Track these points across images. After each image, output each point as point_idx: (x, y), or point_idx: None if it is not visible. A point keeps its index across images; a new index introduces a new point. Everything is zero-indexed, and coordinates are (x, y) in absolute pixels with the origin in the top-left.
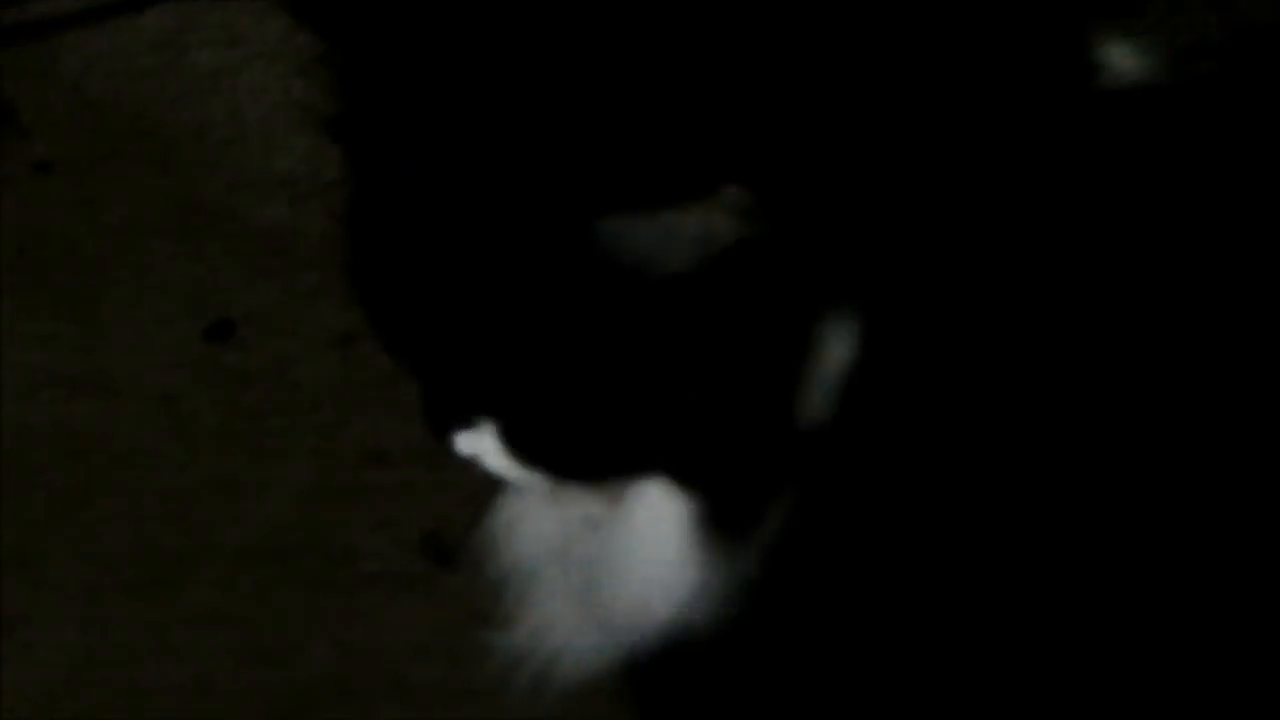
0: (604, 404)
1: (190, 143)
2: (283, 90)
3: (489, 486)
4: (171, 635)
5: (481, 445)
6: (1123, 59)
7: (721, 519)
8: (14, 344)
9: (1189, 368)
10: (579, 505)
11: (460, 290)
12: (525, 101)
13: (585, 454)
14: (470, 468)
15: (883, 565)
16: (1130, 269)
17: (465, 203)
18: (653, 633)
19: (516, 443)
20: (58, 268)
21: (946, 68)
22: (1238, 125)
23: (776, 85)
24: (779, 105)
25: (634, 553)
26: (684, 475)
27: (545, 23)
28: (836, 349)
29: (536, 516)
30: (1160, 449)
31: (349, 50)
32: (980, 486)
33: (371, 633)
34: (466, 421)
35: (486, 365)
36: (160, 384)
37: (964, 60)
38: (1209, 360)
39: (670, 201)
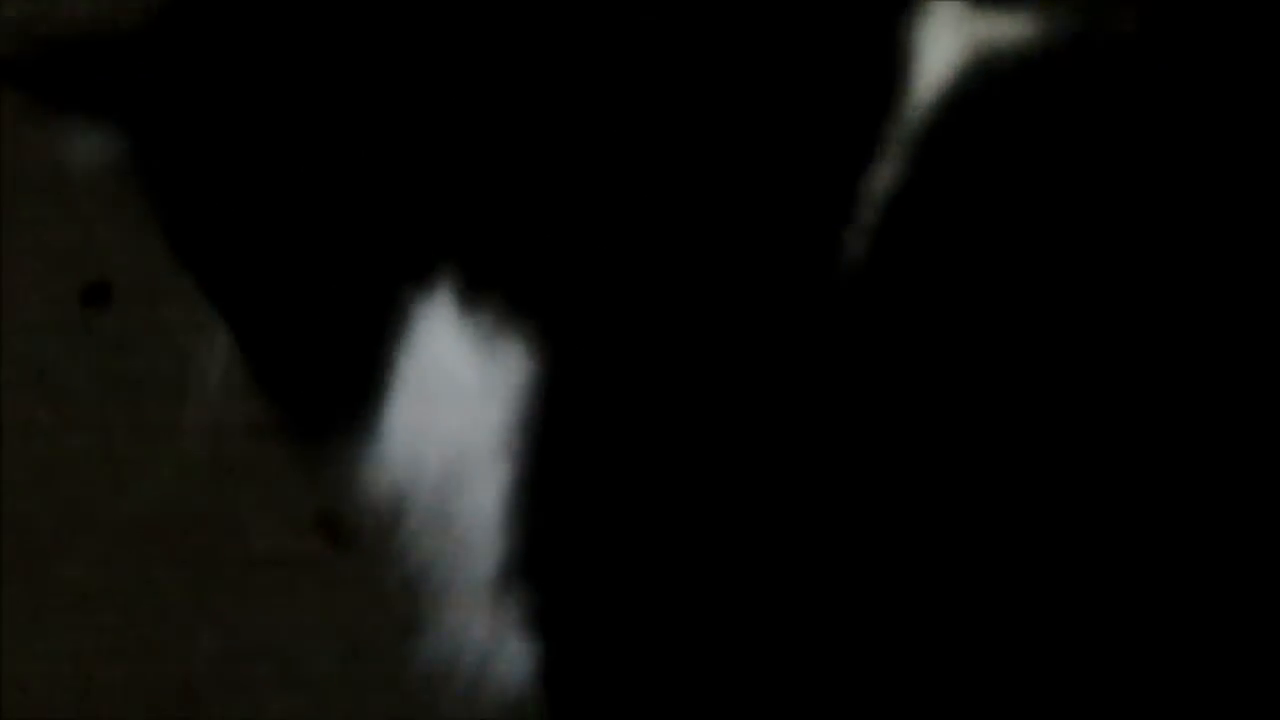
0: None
1: None
2: None
3: (385, 465)
4: (47, 618)
5: None
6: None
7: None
8: None
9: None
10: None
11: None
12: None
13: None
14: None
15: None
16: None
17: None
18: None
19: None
20: None
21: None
22: (1157, 82)
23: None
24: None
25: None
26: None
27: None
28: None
29: (431, 493)
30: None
31: None
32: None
33: (261, 618)
34: None
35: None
36: (33, 349)
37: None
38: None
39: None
